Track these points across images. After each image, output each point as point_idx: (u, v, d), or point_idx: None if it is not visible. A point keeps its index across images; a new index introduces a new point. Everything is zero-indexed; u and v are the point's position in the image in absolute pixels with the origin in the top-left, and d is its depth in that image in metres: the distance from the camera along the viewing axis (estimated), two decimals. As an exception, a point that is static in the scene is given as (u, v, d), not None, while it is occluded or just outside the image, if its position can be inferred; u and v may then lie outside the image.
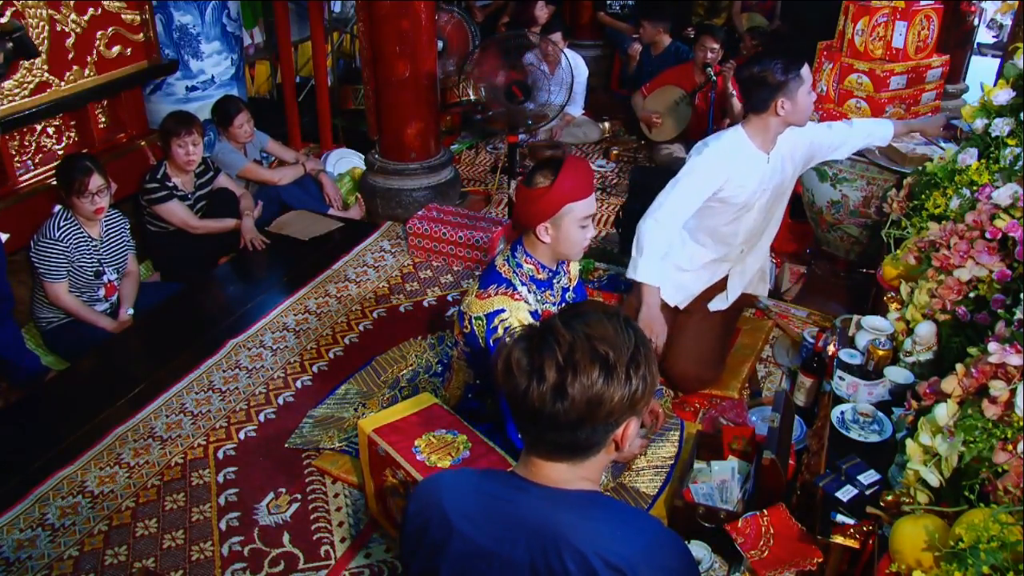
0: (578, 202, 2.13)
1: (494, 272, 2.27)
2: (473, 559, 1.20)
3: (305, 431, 2.75)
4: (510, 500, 1.22)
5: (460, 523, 1.22)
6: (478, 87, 4.02)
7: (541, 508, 1.19)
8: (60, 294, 3.14)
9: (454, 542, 1.21)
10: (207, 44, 4.17)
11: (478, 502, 1.24)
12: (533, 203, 2.14)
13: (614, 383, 1.12)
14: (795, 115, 2.54)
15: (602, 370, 1.11)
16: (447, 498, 1.26)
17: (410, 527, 1.29)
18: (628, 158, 5.25)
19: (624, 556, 1.13)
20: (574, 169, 2.13)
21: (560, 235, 2.17)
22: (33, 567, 2.25)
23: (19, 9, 3.18)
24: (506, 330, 2.17)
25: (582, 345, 1.12)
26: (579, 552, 1.14)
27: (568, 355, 1.12)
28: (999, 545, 1.25)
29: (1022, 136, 2.40)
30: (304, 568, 2.25)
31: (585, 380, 1.11)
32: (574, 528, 1.16)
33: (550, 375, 1.11)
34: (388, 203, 4.32)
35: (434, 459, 2.07)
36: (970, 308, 1.89)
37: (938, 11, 3.10)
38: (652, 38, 5.56)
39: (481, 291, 2.24)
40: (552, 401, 1.12)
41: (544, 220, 2.16)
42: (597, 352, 1.12)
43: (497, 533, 1.19)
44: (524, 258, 2.25)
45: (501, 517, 1.21)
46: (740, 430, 2.32)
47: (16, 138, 3.34)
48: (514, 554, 1.17)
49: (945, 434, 1.53)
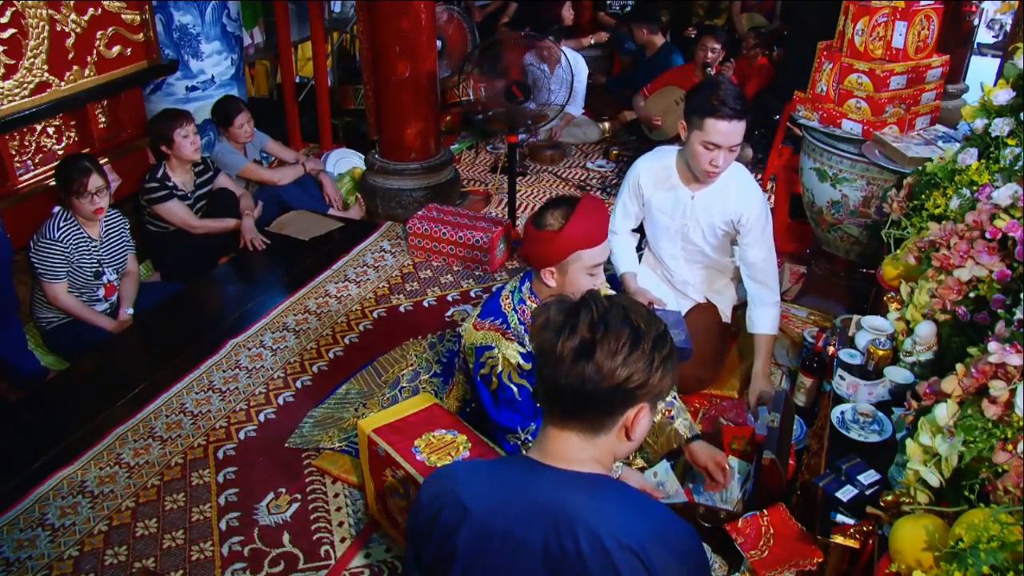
0: (588, 250, 2.02)
1: (495, 303, 2.21)
2: (487, 541, 1.22)
3: (305, 431, 2.75)
4: (524, 482, 1.25)
5: (474, 506, 1.24)
6: (478, 87, 4.02)
7: (554, 489, 1.21)
8: (59, 294, 3.14)
9: (468, 525, 1.23)
10: (207, 44, 4.17)
11: (492, 485, 1.27)
12: (540, 245, 2.05)
13: (638, 352, 1.17)
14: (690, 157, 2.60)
15: (631, 336, 1.17)
16: (461, 483, 1.28)
17: (424, 515, 1.30)
18: (628, 158, 5.26)
19: (636, 536, 1.16)
20: (587, 214, 2.02)
21: (566, 281, 2.08)
22: (33, 567, 2.25)
23: (19, 9, 3.18)
24: (492, 368, 2.12)
25: (617, 312, 1.20)
26: (592, 532, 1.16)
27: (603, 316, 1.18)
28: (999, 545, 1.24)
29: (1022, 136, 2.40)
30: (304, 568, 2.25)
31: (613, 343, 1.16)
32: (587, 508, 1.19)
33: (582, 329, 1.17)
34: (388, 203, 4.32)
35: (434, 459, 2.07)
36: (970, 308, 1.88)
37: (938, 11, 3.10)
38: (644, 40, 5.58)
39: (479, 320, 2.18)
40: (578, 357, 1.16)
41: (549, 265, 2.07)
42: (629, 319, 1.19)
43: (511, 515, 1.21)
44: (529, 295, 2.18)
45: (515, 499, 1.23)
46: (740, 430, 2.32)
47: (16, 138, 3.34)
48: (527, 535, 1.19)
49: (945, 434, 1.53)
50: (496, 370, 2.12)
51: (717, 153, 2.52)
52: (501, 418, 2.16)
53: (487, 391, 2.16)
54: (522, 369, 2.12)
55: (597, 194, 4.74)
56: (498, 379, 2.12)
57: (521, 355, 2.11)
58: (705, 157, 2.54)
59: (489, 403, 2.16)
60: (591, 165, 5.21)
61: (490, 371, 2.13)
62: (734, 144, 2.52)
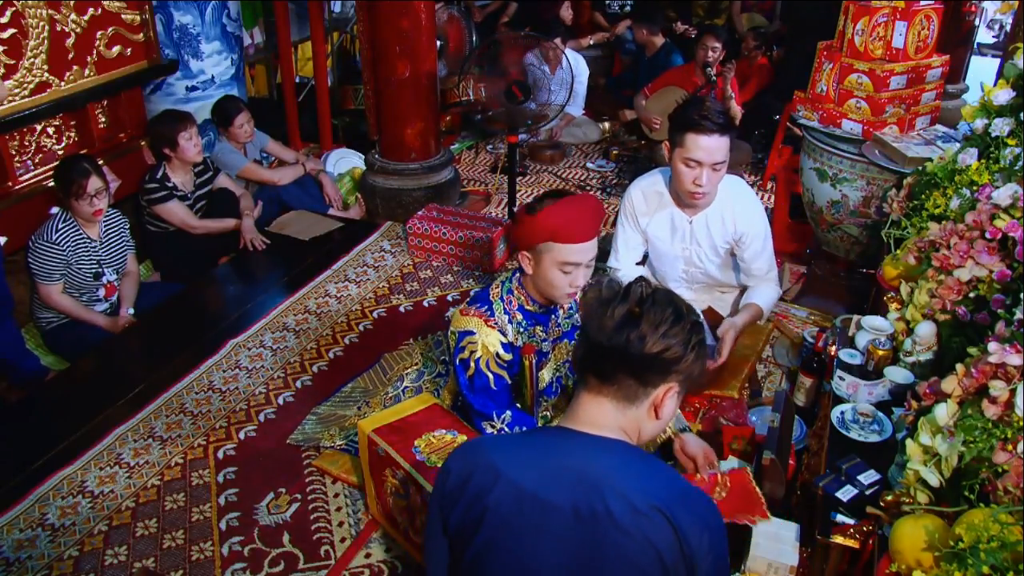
0: (560, 244, 2.01)
1: (485, 291, 2.23)
2: (518, 503, 1.25)
3: (307, 428, 2.75)
4: (554, 446, 1.31)
5: (507, 469, 1.28)
6: (478, 87, 4.02)
7: (585, 453, 1.27)
8: (52, 295, 3.14)
9: (499, 487, 1.27)
10: (207, 44, 4.17)
11: (524, 449, 1.34)
12: (517, 225, 2.10)
13: (678, 328, 1.26)
14: (674, 178, 2.52)
15: (674, 314, 1.27)
16: (493, 449, 1.34)
17: (452, 481, 1.33)
18: (628, 158, 5.26)
19: (664, 498, 1.22)
20: (570, 207, 2.02)
21: (539, 271, 2.08)
22: (33, 567, 2.25)
23: (19, 9, 3.18)
24: (471, 353, 2.12)
25: (664, 294, 1.31)
26: (621, 493, 1.21)
27: (651, 295, 1.29)
28: (999, 545, 1.24)
29: (1022, 136, 2.40)
30: (304, 568, 2.25)
31: (658, 315, 1.26)
32: (617, 471, 1.25)
33: (631, 301, 1.27)
34: (388, 203, 4.32)
35: (434, 459, 2.07)
36: (970, 308, 1.88)
37: (938, 11, 3.10)
38: (644, 40, 5.58)
39: (466, 306, 2.20)
40: (624, 323, 1.25)
41: (523, 248, 2.10)
42: (674, 301, 1.30)
43: (543, 477, 1.26)
44: (516, 286, 2.19)
45: (546, 462, 1.28)
46: (740, 430, 2.32)
47: (16, 138, 3.34)
48: (557, 497, 1.23)
49: (945, 434, 1.53)
50: (475, 356, 2.13)
51: (700, 171, 2.40)
52: (477, 402, 2.17)
53: (464, 375, 2.17)
54: (501, 359, 2.13)
55: (597, 194, 4.74)
56: (475, 365, 2.13)
57: (502, 345, 2.13)
58: (688, 176, 2.43)
59: (465, 387, 2.18)
60: (591, 165, 5.21)
61: (469, 356, 2.14)
62: (717, 161, 2.39)
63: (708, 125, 2.34)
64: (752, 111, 5.06)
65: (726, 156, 2.41)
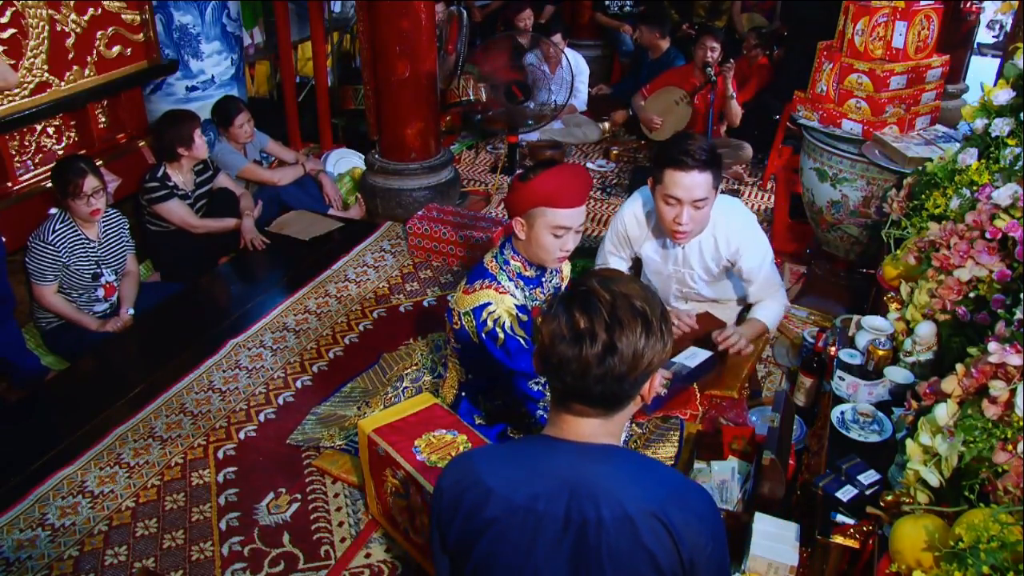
0: (553, 209, 2.10)
1: (481, 267, 2.28)
2: (511, 516, 1.25)
3: (307, 428, 2.75)
4: (542, 457, 1.29)
5: (497, 485, 1.27)
6: (478, 87, 4.02)
7: (574, 462, 1.26)
8: (45, 295, 3.14)
9: (491, 504, 1.26)
10: (207, 44, 4.17)
11: (511, 463, 1.31)
12: (512, 193, 2.17)
13: (653, 336, 1.22)
14: (657, 215, 2.50)
15: (643, 325, 1.21)
16: (480, 466, 1.32)
17: (446, 498, 1.33)
18: (628, 158, 5.26)
19: (657, 500, 1.21)
20: (561, 174, 2.11)
21: (532, 235, 2.17)
22: (33, 567, 2.25)
23: (19, 9, 3.18)
24: (495, 322, 2.16)
25: (623, 303, 1.21)
26: (613, 500, 1.21)
27: (612, 313, 1.20)
28: (999, 545, 1.24)
29: (1022, 136, 2.40)
30: (304, 568, 2.25)
31: (631, 335, 1.20)
32: (607, 477, 1.24)
33: (600, 334, 1.19)
34: (388, 203, 4.32)
35: (434, 459, 2.07)
36: (970, 308, 1.88)
37: (938, 11, 3.10)
38: (650, 42, 5.57)
39: (468, 287, 2.25)
40: (604, 358, 1.19)
41: (517, 214, 2.17)
42: (636, 309, 1.21)
43: (533, 490, 1.25)
44: (511, 254, 2.26)
45: (535, 474, 1.27)
46: (740, 430, 2.32)
47: (16, 138, 3.34)
48: (549, 507, 1.23)
49: (945, 434, 1.53)
50: (500, 322, 2.16)
51: (680, 209, 2.37)
52: (520, 365, 2.16)
53: (495, 346, 2.18)
54: (520, 320, 2.18)
55: (597, 194, 4.74)
56: (504, 331, 2.16)
57: (517, 307, 2.19)
58: (669, 213, 2.41)
59: (502, 357, 2.18)
60: (591, 165, 5.21)
61: (494, 325, 2.16)
62: (697, 199, 2.35)
63: (688, 162, 2.31)
64: (752, 111, 5.06)
65: (708, 192, 2.37)
